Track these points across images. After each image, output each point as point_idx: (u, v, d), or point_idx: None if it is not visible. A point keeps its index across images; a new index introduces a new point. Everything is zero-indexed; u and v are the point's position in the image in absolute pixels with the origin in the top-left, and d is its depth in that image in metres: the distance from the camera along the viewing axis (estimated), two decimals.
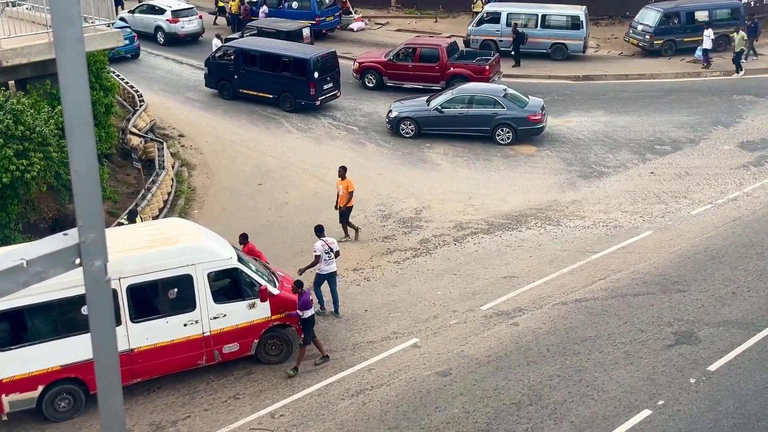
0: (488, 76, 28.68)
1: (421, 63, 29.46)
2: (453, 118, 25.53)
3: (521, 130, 25.05)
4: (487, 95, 25.81)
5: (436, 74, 29.15)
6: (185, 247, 14.30)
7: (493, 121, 25.17)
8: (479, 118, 25.28)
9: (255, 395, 14.19)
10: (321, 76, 27.91)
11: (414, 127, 25.80)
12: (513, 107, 25.25)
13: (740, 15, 33.93)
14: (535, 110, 25.22)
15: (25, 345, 13.29)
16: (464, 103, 25.71)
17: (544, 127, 25.48)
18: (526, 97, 26.07)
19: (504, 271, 17.99)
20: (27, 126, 16.12)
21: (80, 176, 2.81)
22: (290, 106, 28.02)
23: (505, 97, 25.57)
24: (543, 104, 25.86)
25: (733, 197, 21.21)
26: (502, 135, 25.19)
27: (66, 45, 2.67)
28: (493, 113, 25.22)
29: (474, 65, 29.23)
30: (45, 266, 2.81)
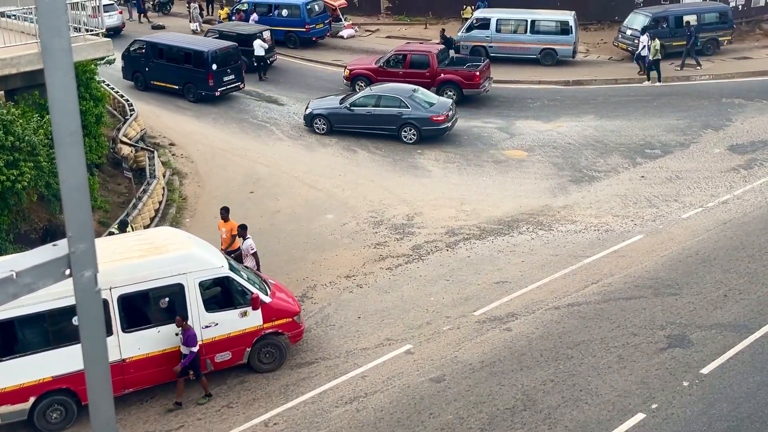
0: (479, 81, 28.84)
1: (412, 69, 29.48)
2: (362, 117, 26.24)
3: (425, 129, 25.64)
4: (393, 95, 26.37)
5: (427, 80, 29.17)
6: (176, 256, 14.26)
7: (398, 121, 25.84)
8: (385, 117, 26.00)
9: (248, 404, 14.14)
10: (220, 68, 29.48)
11: (326, 124, 26.61)
12: (418, 108, 25.81)
13: (728, 19, 34.13)
14: (439, 111, 25.73)
15: (15, 356, 13.22)
16: (372, 103, 26.36)
17: (449, 128, 25.91)
18: (435, 98, 26.71)
19: (496, 276, 18.00)
20: (17, 136, 16.06)
21: (69, 187, 2.80)
22: (193, 97, 29.76)
23: (411, 97, 26.10)
24: (451, 105, 26.41)
25: (723, 200, 21.30)
26: (407, 134, 25.86)
27: (54, 55, 2.66)
28: (399, 113, 25.84)
29: (464, 71, 29.36)
30: (35, 277, 2.79)
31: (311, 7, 37.17)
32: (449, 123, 25.85)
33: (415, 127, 25.67)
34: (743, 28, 36.63)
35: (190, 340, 13.80)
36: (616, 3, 37.70)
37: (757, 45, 35.54)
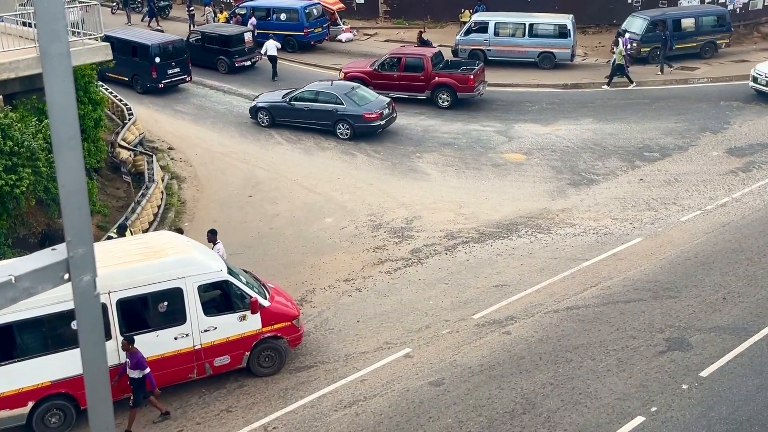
0: (473, 85, 29.00)
1: (407, 73, 29.75)
2: (300, 111, 27.15)
3: (357, 126, 26.35)
4: (330, 92, 27.09)
5: (421, 84, 29.51)
6: (175, 260, 14.25)
7: (333, 117, 26.66)
8: (321, 113, 26.85)
9: (248, 408, 14.13)
10: (164, 61, 30.86)
11: (269, 117, 27.68)
12: (352, 105, 26.52)
13: (726, 22, 34.19)
14: (372, 109, 26.36)
15: (14, 361, 13.20)
16: (311, 98, 27.17)
17: (381, 126, 26.49)
18: (373, 97, 27.29)
19: (495, 279, 18.00)
20: (15, 141, 16.06)
21: (68, 191, 2.80)
22: (140, 88, 31.07)
23: (347, 94, 26.83)
24: (387, 104, 26.91)
25: (722, 203, 21.31)
26: (342, 130, 26.66)
27: (52, 59, 2.66)
28: (334, 109, 26.65)
29: (458, 74, 29.44)
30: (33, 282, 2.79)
31: (309, 11, 37.24)
32: (382, 121, 26.47)
33: (349, 123, 26.45)
34: (741, 31, 36.70)
35: (140, 364, 13.34)
36: (614, 6, 37.77)
37: (755, 48, 35.59)
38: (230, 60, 33.64)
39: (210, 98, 31.41)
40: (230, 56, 33.57)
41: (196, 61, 33.47)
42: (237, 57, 33.70)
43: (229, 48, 33.70)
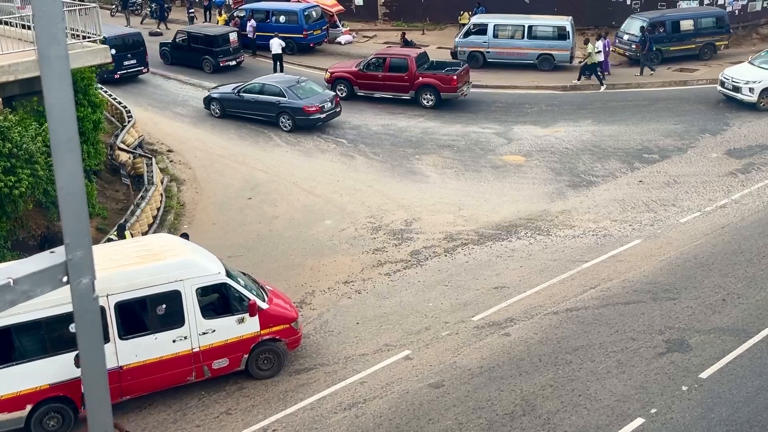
0: (456, 85, 29.23)
1: (391, 73, 30.03)
2: (248, 103, 28.14)
3: (298, 119, 27.29)
4: (274, 84, 28.16)
5: (406, 84, 29.78)
6: (173, 262, 14.24)
7: (276, 108, 27.58)
8: (266, 105, 27.79)
9: (247, 410, 14.12)
10: (120, 53, 31.59)
11: (220, 108, 28.80)
12: (294, 98, 27.41)
13: (725, 24, 34.23)
14: (312, 102, 27.18)
15: (12, 364, 13.18)
16: (257, 90, 28.20)
17: (321, 119, 27.40)
18: (318, 90, 28.19)
19: (495, 281, 17.99)
20: (14, 143, 16.05)
21: (66, 194, 2.79)
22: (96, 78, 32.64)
23: (290, 87, 27.73)
24: (330, 98, 27.76)
25: (721, 204, 21.31)
26: (284, 122, 27.60)
27: (51, 62, 2.65)
28: (277, 101, 27.57)
29: (442, 75, 29.62)
30: (32, 285, 2.78)
31: (309, 13, 37.27)
32: (322, 114, 27.32)
33: (290, 115, 27.38)
34: (740, 32, 36.74)
35: None
36: (613, 8, 37.80)
37: (754, 50, 35.58)
38: (215, 60, 34.35)
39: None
40: (215, 56, 34.28)
41: (183, 61, 34.48)
42: (222, 57, 34.37)
43: (213, 48, 34.38)
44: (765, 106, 28.13)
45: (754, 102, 28.14)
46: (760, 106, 28.10)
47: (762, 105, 28.13)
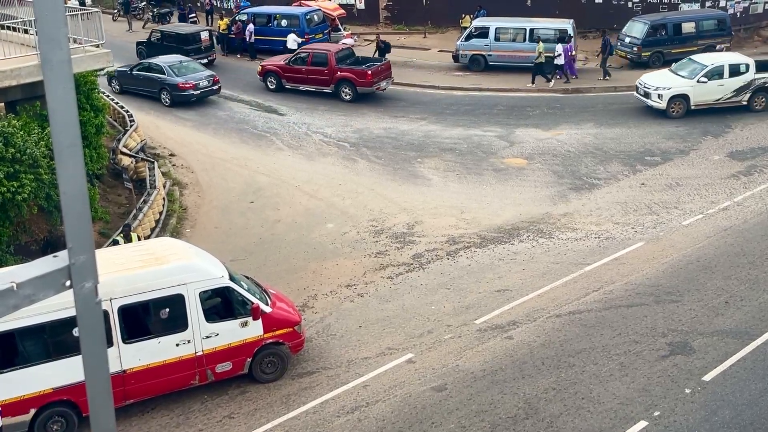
0: (371, 80, 30.51)
1: (313, 67, 31.52)
2: (137, 80, 31.10)
3: (174, 94, 30.30)
4: (158, 63, 31.04)
5: (326, 78, 31.20)
6: (176, 266, 14.25)
7: (158, 85, 30.57)
8: (150, 81, 30.73)
9: (250, 414, 14.11)
10: None
11: (118, 84, 31.63)
12: (172, 75, 30.41)
13: (726, 26, 34.22)
14: (187, 80, 30.24)
15: (16, 368, 13.19)
16: (146, 68, 31.13)
17: (194, 95, 30.28)
18: (198, 70, 31.19)
19: (497, 284, 17.98)
20: (17, 148, 16.08)
21: (69, 198, 2.80)
22: None
23: (171, 66, 30.66)
24: (207, 77, 30.68)
25: (724, 207, 21.29)
26: (164, 97, 30.51)
27: (53, 67, 2.66)
28: (159, 78, 30.55)
29: (357, 70, 30.91)
30: (35, 289, 2.78)
31: (310, 17, 37.32)
32: (196, 91, 30.25)
33: (168, 91, 30.34)
34: (741, 35, 36.71)
35: None
36: (615, 11, 37.81)
37: (756, 51, 35.57)
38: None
39: (211, 105, 31.44)
40: (187, 54, 35.04)
41: None
42: (193, 55, 35.20)
43: (185, 46, 35.39)
44: (675, 114, 27.98)
45: (664, 109, 28.05)
46: (670, 114, 28.01)
47: (673, 112, 28.01)
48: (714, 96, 27.89)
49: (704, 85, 27.74)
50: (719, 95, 27.91)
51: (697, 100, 27.92)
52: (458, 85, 32.94)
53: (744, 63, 28.20)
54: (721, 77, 27.83)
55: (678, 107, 28.01)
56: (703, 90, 27.80)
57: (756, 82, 27.88)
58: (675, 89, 28.00)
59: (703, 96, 27.87)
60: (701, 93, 27.84)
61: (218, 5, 45.36)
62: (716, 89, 27.83)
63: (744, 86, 27.88)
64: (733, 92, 27.90)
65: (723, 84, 27.84)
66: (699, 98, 27.90)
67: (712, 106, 28.00)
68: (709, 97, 27.91)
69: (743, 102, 28.03)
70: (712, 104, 28.00)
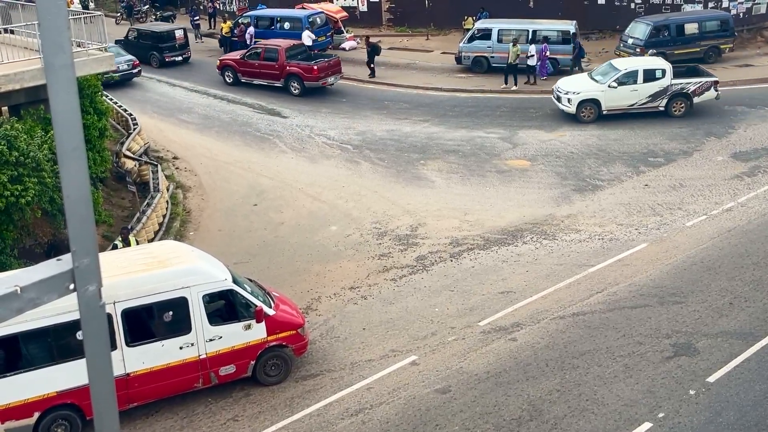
0: (317, 75, 31.75)
1: (265, 62, 32.70)
2: None
3: None
4: None
5: (276, 72, 32.43)
6: (180, 269, 14.26)
7: None
8: None
9: (254, 417, 14.11)
10: None
11: None
12: None
13: (729, 27, 34.18)
14: None
15: (20, 372, 13.20)
16: None
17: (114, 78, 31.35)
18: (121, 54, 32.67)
19: (501, 286, 17.97)
20: (21, 151, 16.10)
21: (72, 201, 2.80)
22: None
23: None
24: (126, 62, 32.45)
25: (727, 208, 21.26)
26: None
27: (56, 71, 2.67)
28: None
29: (305, 65, 32.08)
30: (39, 292, 2.79)
31: (313, 19, 37.35)
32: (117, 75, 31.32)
33: None
34: (744, 35, 36.68)
35: None
36: (617, 12, 37.79)
37: (759, 52, 35.57)
38: (161, 55, 36.79)
39: (214, 108, 31.51)
40: (161, 51, 36.64)
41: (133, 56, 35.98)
42: (167, 52, 36.68)
43: (160, 44, 36.69)
44: (587, 118, 27.97)
45: (574, 113, 28.08)
46: (581, 118, 28.02)
47: (584, 117, 28.02)
48: (627, 101, 27.88)
49: (615, 90, 27.73)
50: (633, 100, 27.87)
51: (608, 105, 27.94)
52: (461, 87, 32.95)
53: (660, 68, 28.06)
54: (634, 82, 27.77)
55: (589, 112, 28.05)
56: (615, 95, 27.80)
57: (673, 87, 27.74)
58: (584, 94, 28.05)
59: (615, 101, 27.89)
60: (612, 98, 27.85)
61: (221, 8, 45.42)
62: (629, 94, 27.79)
63: (660, 92, 27.78)
64: (648, 97, 27.82)
65: (636, 89, 27.77)
66: (610, 103, 27.91)
67: (627, 111, 27.99)
68: (622, 102, 27.90)
69: (660, 107, 27.93)
70: (626, 109, 27.98)
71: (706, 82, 27.80)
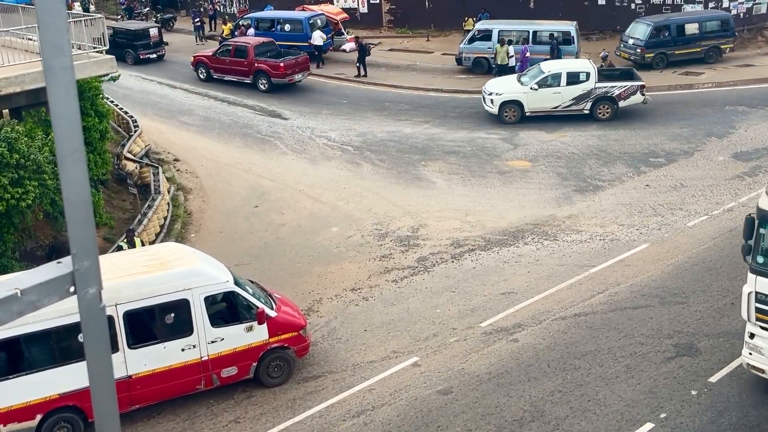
0: (283, 71, 32.73)
1: (235, 58, 33.73)
2: None
3: None
4: None
5: (245, 69, 33.40)
6: (181, 271, 14.26)
7: None
8: None
9: (256, 419, 14.11)
10: None
11: None
12: None
13: (730, 26, 34.17)
14: None
15: (22, 374, 13.21)
16: None
17: None
18: None
19: (502, 287, 17.96)
20: (22, 154, 16.11)
21: (73, 204, 2.79)
22: None
23: None
24: None
25: (728, 208, 21.24)
26: None
27: (56, 73, 2.66)
28: None
29: (272, 62, 33.03)
30: (39, 295, 2.78)
31: (314, 21, 37.36)
32: None
33: None
34: (745, 35, 36.67)
35: None
36: (618, 13, 37.78)
37: (759, 52, 35.56)
38: (135, 52, 37.62)
39: (215, 109, 31.52)
40: (135, 49, 37.52)
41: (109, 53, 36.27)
42: (141, 50, 37.60)
43: (135, 42, 37.59)
44: (510, 119, 28.11)
45: (497, 114, 28.27)
46: (504, 119, 28.17)
47: (507, 118, 28.16)
48: (550, 103, 28.00)
49: (537, 92, 27.87)
50: (556, 103, 27.98)
51: (531, 107, 28.08)
52: (461, 88, 32.94)
53: (584, 71, 28.11)
54: (558, 85, 27.84)
55: (512, 113, 28.22)
56: (537, 97, 27.94)
57: (597, 91, 27.77)
58: (506, 95, 28.22)
59: (538, 103, 28.02)
60: (535, 100, 27.99)
61: (221, 10, 45.45)
62: (551, 97, 27.89)
63: (584, 95, 27.84)
64: (571, 100, 27.91)
65: (560, 92, 27.85)
66: (533, 105, 28.06)
67: (551, 114, 28.10)
68: (545, 104, 28.02)
69: (585, 111, 27.99)
70: (550, 111, 28.10)
71: (632, 87, 27.84)
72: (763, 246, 13.51)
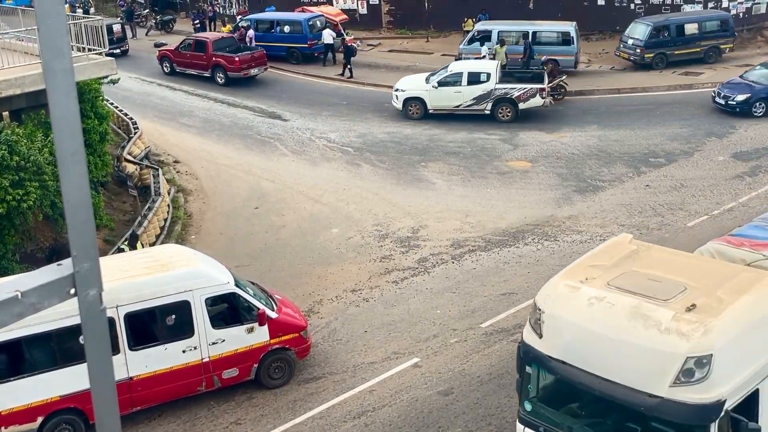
0: (239, 66, 33.87)
1: (195, 53, 34.99)
2: None
3: None
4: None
5: (204, 63, 34.62)
6: (182, 273, 14.26)
7: None
8: None
9: (256, 420, 14.11)
10: None
11: None
12: None
13: (729, 26, 34.18)
14: None
15: (23, 376, 13.21)
16: None
17: None
18: None
19: (503, 288, 17.96)
20: (22, 156, 16.12)
21: (73, 206, 2.80)
22: None
23: None
24: None
25: (728, 208, 21.24)
26: None
27: (56, 75, 2.66)
28: None
29: (228, 56, 34.05)
30: (40, 297, 2.78)
31: (313, 23, 37.39)
32: None
33: None
34: (744, 35, 36.69)
35: None
36: (617, 13, 37.81)
37: (759, 52, 35.57)
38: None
39: (215, 111, 31.54)
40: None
41: None
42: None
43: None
44: (414, 116, 28.56)
45: (401, 110, 28.80)
46: (410, 115, 28.64)
47: (411, 114, 28.61)
48: (452, 102, 28.36)
49: (438, 91, 28.26)
50: (458, 102, 28.31)
51: (434, 105, 28.55)
52: None
53: (485, 72, 28.36)
54: (459, 84, 28.13)
55: (416, 110, 28.77)
56: (439, 95, 28.36)
57: (497, 92, 27.97)
58: (409, 92, 28.84)
59: (440, 101, 28.45)
60: (437, 98, 28.45)
61: (221, 11, 45.49)
62: (453, 96, 28.24)
63: (484, 95, 28.11)
64: (472, 100, 28.19)
65: (461, 91, 28.15)
66: (436, 103, 28.50)
67: (453, 112, 28.47)
68: (447, 103, 28.39)
69: (486, 111, 28.25)
70: (452, 110, 28.48)
71: (531, 89, 27.99)
72: (530, 389, 10.51)
